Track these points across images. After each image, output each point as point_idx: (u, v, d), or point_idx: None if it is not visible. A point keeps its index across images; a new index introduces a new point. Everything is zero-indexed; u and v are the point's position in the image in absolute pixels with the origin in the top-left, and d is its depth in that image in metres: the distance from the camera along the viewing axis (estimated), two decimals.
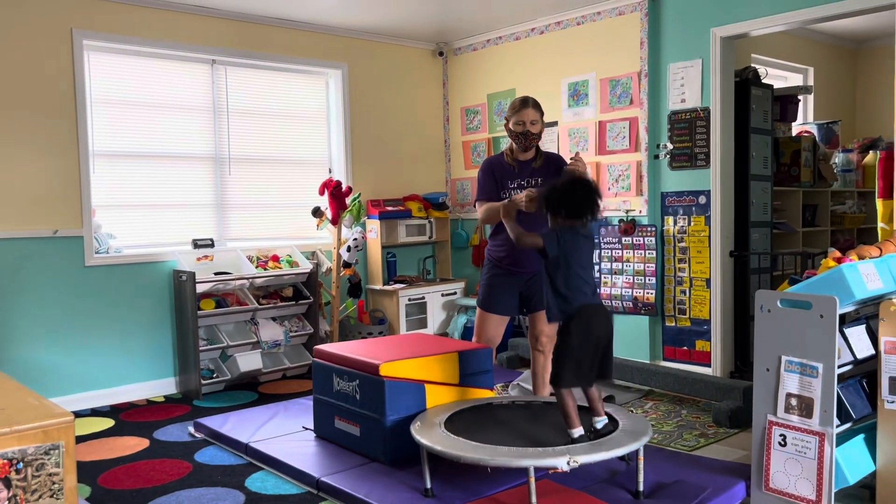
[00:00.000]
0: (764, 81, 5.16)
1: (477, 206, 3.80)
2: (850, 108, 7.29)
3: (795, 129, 6.13)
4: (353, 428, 3.53)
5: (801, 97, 6.02)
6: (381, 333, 5.75)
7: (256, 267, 5.26)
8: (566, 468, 2.70)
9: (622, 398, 4.52)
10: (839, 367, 2.67)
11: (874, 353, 2.85)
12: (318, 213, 5.58)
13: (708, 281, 4.85)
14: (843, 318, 2.77)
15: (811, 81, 6.78)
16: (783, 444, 2.75)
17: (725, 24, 4.67)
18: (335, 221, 5.54)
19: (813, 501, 2.67)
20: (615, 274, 5.24)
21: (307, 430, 3.92)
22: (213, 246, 5.24)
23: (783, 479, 2.75)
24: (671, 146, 4.97)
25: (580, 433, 2.93)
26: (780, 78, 6.53)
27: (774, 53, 6.34)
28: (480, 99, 6.26)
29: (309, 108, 5.89)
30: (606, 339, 3.00)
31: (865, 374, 2.91)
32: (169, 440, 4.04)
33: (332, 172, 5.93)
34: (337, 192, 5.49)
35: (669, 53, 4.97)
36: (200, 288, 4.93)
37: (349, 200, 5.57)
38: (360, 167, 6.04)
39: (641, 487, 2.98)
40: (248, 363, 5.08)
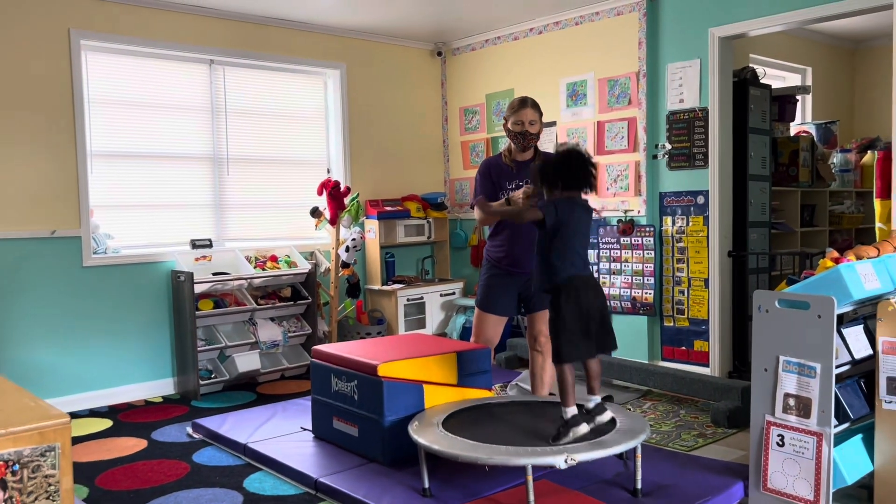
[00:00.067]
0: (762, 81, 5.16)
1: (475, 207, 3.80)
2: (848, 108, 7.29)
3: (794, 129, 6.13)
4: (351, 428, 3.53)
5: (799, 97, 6.03)
6: (379, 334, 5.74)
7: (255, 267, 5.26)
8: (563, 466, 2.70)
9: (621, 398, 4.51)
10: (837, 367, 2.67)
11: (872, 353, 2.85)
12: (316, 213, 5.58)
13: (706, 281, 4.85)
14: (840, 318, 2.77)
15: (809, 81, 6.78)
16: (781, 444, 2.75)
17: (724, 24, 4.67)
18: (333, 221, 5.54)
19: (811, 501, 2.67)
20: (613, 274, 5.24)
21: (305, 430, 3.92)
22: (211, 246, 5.24)
23: (781, 479, 2.76)
24: (669, 146, 4.97)
25: (573, 412, 2.93)
26: (778, 78, 6.53)
27: (773, 53, 6.34)
28: (479, 99, 6.25)
29: (307, 108, 5.89)
30: (600, 310, 2.97)
31: (863, 374, 2.91)
32: (167, 441, 4.04)
33: (330, 172, 5.92)
34: (335, 192, 5.49)
35: (668, 53, 4.97)
36: (199, 288, 4.92)
37: (348, 200, 5.57)
38: (358, 167, 6.04)
39: (640, 485, 2.99)
40: (246, 363, 5.07)
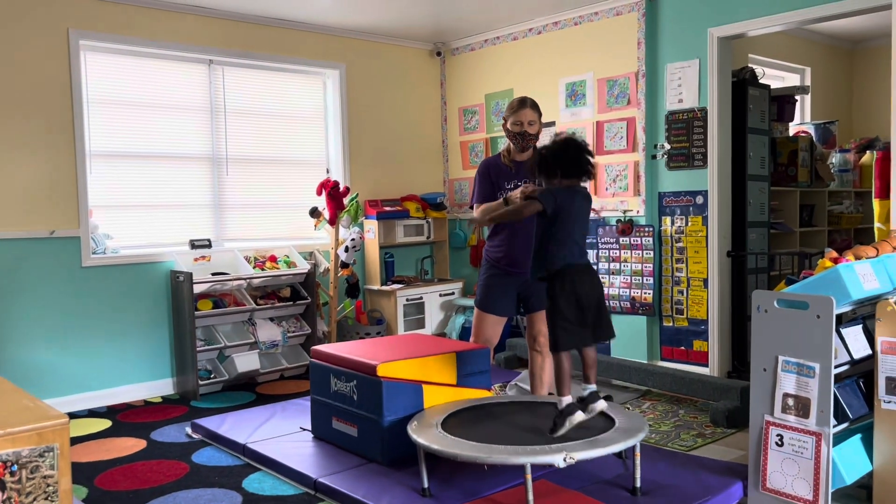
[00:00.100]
0: (761, 81, 5.16)
1: (474, 208, 3.80)
2: (847, 108, 7.30)
3: (792, 129, 6.13)
4: (350, 428, 3.53)
5: (798, 97, 6.03)
6: (378, 334, 5.74)
7: (254, 267, 5.25)
8: (562, 465, 2.70)
9: (620, 398, 4.52)
10: (836, 367, 2.67)
11: (871, 353, 2.86)
12: (315, 213, 5.58)
13: (705, 281, 4.85)
14: (839, 318, 2.78)
15: (808, 81, 6.78)
16: (780, 444, 2.75)
17: (723, 24, 4.67)
18: (333, 222, 5.54)
19: (810, 501, 2.67)
20: (613, 274, 5.24)
21: (305, 430, 3.92)
22: (210, 246, 5.24)
23: (780, 479, 2.76)
24: (668, 146, 4.97)
25: (568, 401, 2.94)
26: (777, 78, 6.53)
27: (772, 53, 6.34)
28: (478, 99, 6.25)
29: (306, 108, 5.88)
30: (596, 298, 2.97)
31: (862, 374, 2.91)
32: (166, 441, 4.04)
33: (329, 172, 5.92)
34: (335, 192, 5.49)
35: (667, 53, 4.97)
36: (198, 288, 4.92)
37: (347, 201, 5.56)
38: (357, 167, 6.03)
39: (639, 484, 2.99)
40: (245, 364, 5.07)
